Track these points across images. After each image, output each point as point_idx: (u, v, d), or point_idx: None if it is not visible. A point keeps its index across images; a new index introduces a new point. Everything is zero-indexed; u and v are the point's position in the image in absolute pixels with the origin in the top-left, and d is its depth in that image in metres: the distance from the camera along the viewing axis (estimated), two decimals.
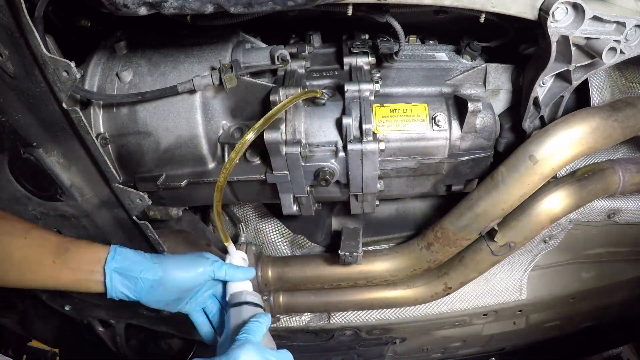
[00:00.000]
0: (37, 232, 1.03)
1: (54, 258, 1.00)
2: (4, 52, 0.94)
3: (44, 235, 1.03)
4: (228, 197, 1.26)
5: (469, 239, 1.28)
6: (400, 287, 1.51)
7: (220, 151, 1.18)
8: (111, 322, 1.89)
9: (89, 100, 1.12)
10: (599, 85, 1.18)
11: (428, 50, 1.29)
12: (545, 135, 1.11)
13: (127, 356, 2.07)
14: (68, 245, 1.02)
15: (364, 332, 1.74)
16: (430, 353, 2.06)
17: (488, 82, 1.23)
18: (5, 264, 1.00)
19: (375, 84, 1.14)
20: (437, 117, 1.14)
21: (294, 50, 1.19)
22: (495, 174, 1.17)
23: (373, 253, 1.46)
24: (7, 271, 1.01)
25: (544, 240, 1.53)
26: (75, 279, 1.01)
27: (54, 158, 1.16)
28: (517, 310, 1.75)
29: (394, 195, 1.32)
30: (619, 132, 1.11)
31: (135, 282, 1.01)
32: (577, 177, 1.24)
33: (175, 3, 0.83)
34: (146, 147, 1.15)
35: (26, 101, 1.03)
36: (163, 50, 1.16)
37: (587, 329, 2.06)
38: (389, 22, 1.06)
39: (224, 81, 1.07)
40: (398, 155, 1.17)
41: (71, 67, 0.94)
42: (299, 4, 0.87)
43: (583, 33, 0.97)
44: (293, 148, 1.08)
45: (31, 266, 1.00)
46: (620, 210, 1.43)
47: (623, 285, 1.75)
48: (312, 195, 1.22)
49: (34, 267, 1.01)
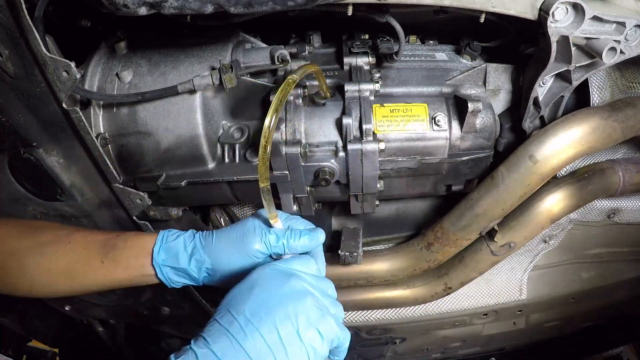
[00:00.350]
0: (80, 235, 1.00)
1: (102, 258, 0.96)
2: (4, 52, 0.94)
3: (88, 236, 0.99)
4: (228, 197, 1.26)
5: (469, 239, 1.28)
6: (400, 287, 1.51)
7: (220, 151, 1.18)
8: (111, 322, 1.89)
9: (89, 100, 1.12)
10: (599, 85, 1.18)
11: (428, 50, 1.29)
12: (545, 135, 1.11)
13: (127, 356, 2.07)
14: (114, 241, 0.97)
15: (364, 332, 1.74)
16: (430, 353, 2.06)
17: (488, 82, 1.23)
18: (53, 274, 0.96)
19: (375, 84, 1.14)
20: (437, 117, 1.14)
21: (294, 50, 1.19)
22: (495, 174, 1.17)
23: (373, 253, 1.46)
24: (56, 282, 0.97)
25: (544, 240, 1.53)
26: (128, 277, 0.97)
27: (54, 158, 1.16)
28: (517, 310, 1.75)
29: (394, 195, 1.32)
30: (619, 132, 1.11)
31: (187, 272, 0.95)
32: (577, 177, 1.24)
33: (175, 3, 0.83)
34: (146, 147, 1.15)
35: (26, 101, 1.03)
36: (163, 50, 1.16)
37: (587, 329, 2.06)
38: (389, 22, 1.06)
39: (224, 81, 1.07)
40: (398, 155, 1.17)
41: (71, 67, 0.94)
42: (299, 4, 0.87)
43: (583, 33, 0.97)
44: (293, 148, 1.08)
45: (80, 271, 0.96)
46: (620, 210, 1.43)
47: (623, 285, 1.75)
48: (312, 195, 1.22)
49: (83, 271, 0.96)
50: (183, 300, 1.62)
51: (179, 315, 1.72)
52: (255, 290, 0.77)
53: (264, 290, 0.77)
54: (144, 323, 1.81)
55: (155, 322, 1.78)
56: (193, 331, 1.19)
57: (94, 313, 1.83)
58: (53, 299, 1.74)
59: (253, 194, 1.24)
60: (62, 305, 1.78)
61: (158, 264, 0.95)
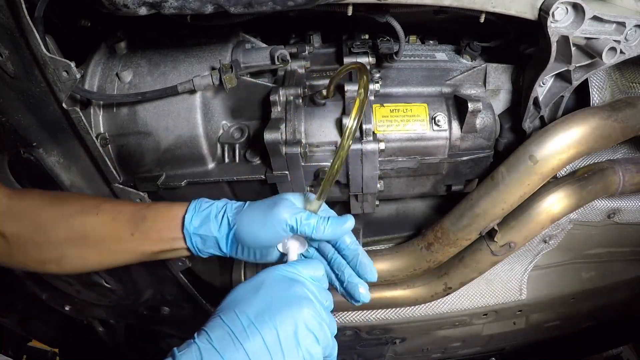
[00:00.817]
0: (109, 206, 0.97)
1: (132, 230, 0.93)
2: (4, 52, 0.95)
3: (117, 208, 0.97)
4: (228, 197, 1.25)
5: (469, 239, 1.28)
6: (400, 287, 1.51)
7: (220, 151, 1.18)
8: (111, 322, 1.89)
9: (89, 100, 1.12)
10: (599, 85, 1.18)
11: (428, 50, 1.29)
12: (545, 135, 1.11)
13: (127, 356, 2.07)
14: (144, 212, 0.95)
15: (364, 332, 1.74)
16: (430, 353, 2.06)
17: (488, 82, 1.23)
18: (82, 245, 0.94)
19: (375, 84, 1.14)
20: (437, 117, 1.14)
21: (294, 50, 1.19)
22: (495, 174, 1.17)
23: (373, 253, 1.46)
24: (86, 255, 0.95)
25: (544, 240, 1.53)
26: (160, 249, 0.95)
27: (54, 158, 1.16)
28: (517, 310, 1.75)
29: (394, 195, 1.32)
30: (619, 132, 1.11)
31: (217, 242, 0.93)
32: (577, 177, 1.24)
33: (175, 3, 0.83)
34: (146, 147, 1.15)
35: (26, 101, 1.04)
36: (163, 50, 1.16)
37: (587, 329, 2.06)
38: (389, 22, 1.06)
39: (224, 81, 1.07)
40: (398, 155, 1.17)
41: (71, 67, 0.94)
42: (299, 4, 0.87)
43: (583, 33, 0.97)
44: (293, 148, 1.08)
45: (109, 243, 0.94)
46: (620, 210, 1.43)
47: (623, 285, 1.75)
48: None
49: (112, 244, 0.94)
50: (183, 300, 1.62)
51: (179, 315, 1.72)
52: (260, 292, 0.78)
53: (269, 293, 0.78)
54: (144, 323, 1.81)
55: (155, 322, 1.78)
56: (193, 331, 1.20)
57: (94, 313, 1.83)
58: (51, 299, 1.75)
59: (253, 194, 1.24)
60: (62, 305, 1.78)
61: (189, 233, 0.93)
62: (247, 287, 0.80)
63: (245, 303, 0.76)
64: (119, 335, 1.96)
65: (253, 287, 0.80)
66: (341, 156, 0.84)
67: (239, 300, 0.78)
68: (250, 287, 0.80)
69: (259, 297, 0.77)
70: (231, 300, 0.78)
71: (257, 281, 0.81)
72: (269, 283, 0.80)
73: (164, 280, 1.53)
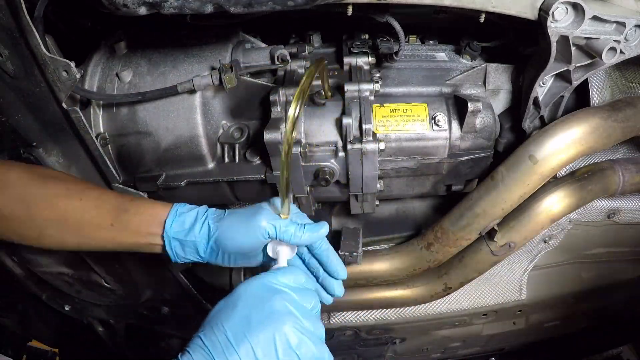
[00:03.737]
0: (94, 193, 0.98)
1: (112, 221, 0.94)
2: (4, 52, 0.95)
3: (101, 196, 0.98)
4: (228, 197, 1.26)
5: (468, 239, 1.28)
6: (400, 287, 1.51)
7: (220, 151, 1.18)
8: (111, 322, 1.89)
9: (89, 100, 1.12)
10: (599, 85, 1.18)
11: (428, 50, 1.29)
12: (545, 135, 1.11)
13: (127, 356, 2.07)
14: (127, 205, 0.96)
15: (364, 332, 1.74)
16: (430, 353, 2.06)
17: (488, 82, 1.23)
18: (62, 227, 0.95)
19: (375, 84, 1.14)
20: (437, 117, 1.14)
21: (294, 50, 1.19)
22: (495, 174, 1.17)
23: (373, 253, 1.46)
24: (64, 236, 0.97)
25: (544, 240, 1.53)
26: (135, 243, 0.96)
27: (54, 158, 1.16)
28: (517, 310, 1.75)
29: (394, 195, 1.32)
30: (619, 132, 1.11)
31: (196, 247, 0.95)
32: (577, 177, 1.24)
33: (175, 3, 0.83)
34: (146, 147, 1.15)
35: (26, 101, 1.04)
36: (163, 50, 1.16)
37: (587, 329, 2.06)
38: (389, 22, 1.06)
39: (223, 81, 1.07)
40: (398, 155, 1.17)
41: (71, 67, 0.94)
42: (299, 4, 0.87)
43: (583, 33, 0.97)
44: (293, 148, 1.07)
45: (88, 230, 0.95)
46: (620, 210, 1.43)
47: (623, 285, 1.75)
48: (312, 195, 1.22)
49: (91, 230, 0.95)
50: (183, 300, 1.62)
51: (179, 315, 1.72)
52: (237, 308, 0.78)
53: (245, 307, 0.78)
54: (144, 323, 1.81)
55: (155, 322, 1.78)
56: (193, 331, 1.20)
57: (94, 313, 1.83)
58: (51, 299, 1.75)
59: (253, 194, 1.24)
60: (62, 305, 1.78)
61: (168, 237, 0.94)
62: (226, 303, 0.81)
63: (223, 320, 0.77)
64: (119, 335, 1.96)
65: (231, 303, 0.80)
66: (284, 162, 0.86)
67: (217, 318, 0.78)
68: (228, 303, 0.81)
69: (235, 313, 0.78)
70: (210, 319, 0.79)
71: (234, 295, 0.81)
72: (245, 297, 0.80)
73: (164, 280, 1.53)
